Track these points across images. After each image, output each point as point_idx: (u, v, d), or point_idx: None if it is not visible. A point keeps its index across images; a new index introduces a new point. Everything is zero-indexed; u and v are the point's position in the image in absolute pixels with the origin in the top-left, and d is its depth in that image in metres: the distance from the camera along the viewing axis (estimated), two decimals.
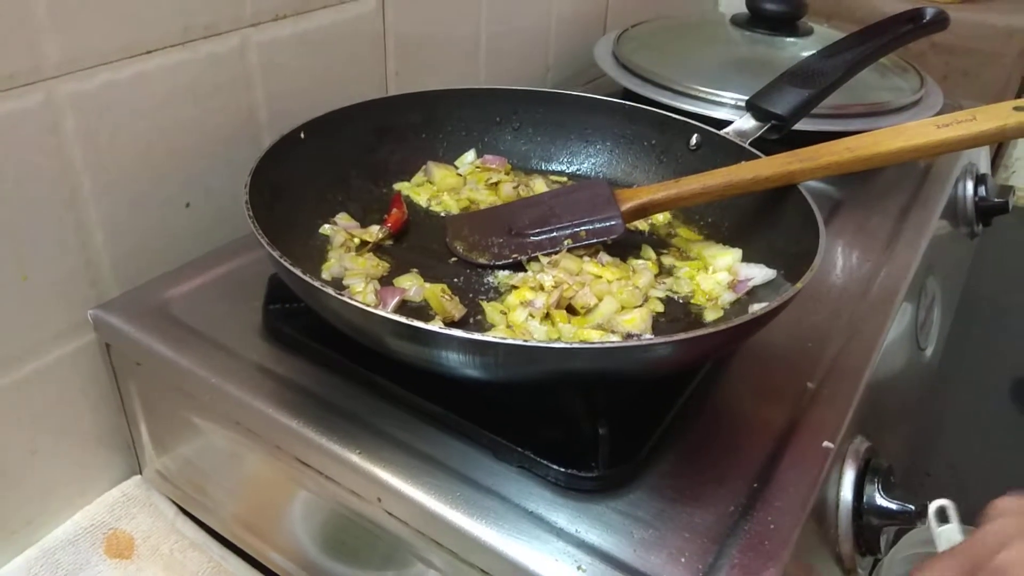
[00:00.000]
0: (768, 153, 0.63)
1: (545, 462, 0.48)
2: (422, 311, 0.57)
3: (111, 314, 0.60)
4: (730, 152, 0.66)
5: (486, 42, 0.95)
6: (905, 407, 0.81)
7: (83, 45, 0.55)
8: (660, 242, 0.67)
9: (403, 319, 0.43)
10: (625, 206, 0.62)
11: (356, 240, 0.63)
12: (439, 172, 0.72)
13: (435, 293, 0.57)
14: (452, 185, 0.72)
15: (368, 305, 0.45)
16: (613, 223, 0.62)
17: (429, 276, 0.60)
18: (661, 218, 0.70)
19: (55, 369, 0.60)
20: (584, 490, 0.47)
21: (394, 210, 0.66)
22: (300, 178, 0.63)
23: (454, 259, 0.63)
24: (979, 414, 1.14)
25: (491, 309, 0.57)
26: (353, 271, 0.59)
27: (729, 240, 0.65)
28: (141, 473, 0.68)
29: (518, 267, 0.62)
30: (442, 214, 0.69)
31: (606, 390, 0.49)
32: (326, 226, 0.64)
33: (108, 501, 0.66)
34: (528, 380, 0.47)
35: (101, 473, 0.67)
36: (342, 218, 0.65)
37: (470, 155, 0.74)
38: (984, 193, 0.97)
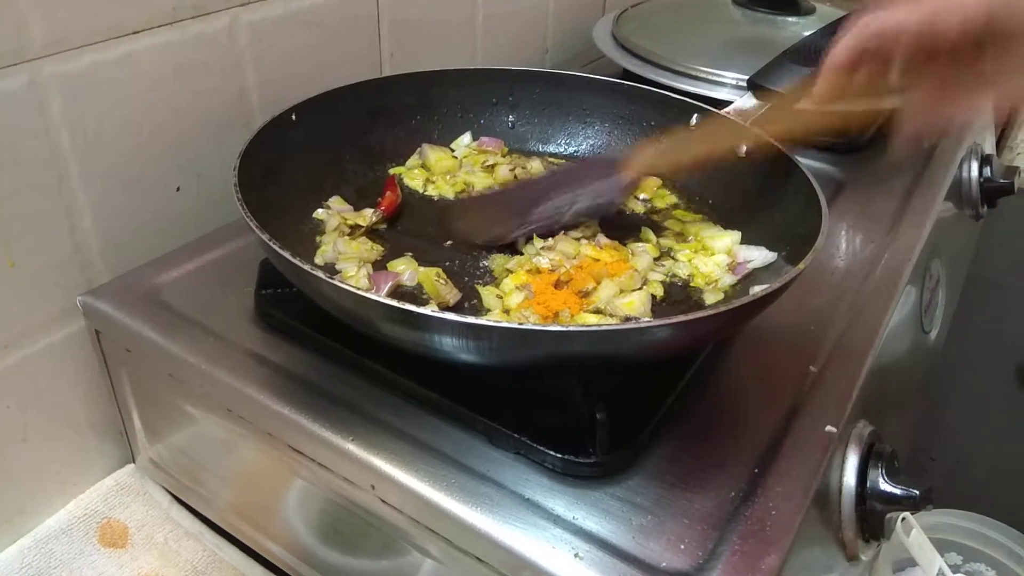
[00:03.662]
0: None
1: (542, 448, 0.47)
2: (417, 296, 0.56)
3: (101, 300, 0.59)
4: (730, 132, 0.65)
5: (482, 24, 0.94)
6: (909, 391, 0.80)
7: (69, 25, 0.54)
8: (659, 225, 0.66)
9: (396, 303, 0.42)
10: (626, 174, 0.61)
11: (350, 224, 0.62)
12: (434, 155, 0.70)
13: (429, 277, 0.56)
14: (447, 168, 0.70)
15: (360, 289, 0.44)
16: (612, 199, 0.61)
17: (424, 260, 0.59)
18: (661, 200, 0.68)
19: (45, 356, 0.59)
20: (582, 476, 0.47)
21: (388, 193, 0.65)
22: (292, 161, 0.62)
23: (449, 243, 0.62)
24: (983, 397, 1.13)
25: (487, 293, 0.56)
26: (346, 255, 0.58)
27: (730, 222, 0.64)
28: (134, 462, 0.67)
29: (514, 251, 0.61)
30: (436, 198, 0.68)
31: (604, 375, 0.48)
32: (320, 210, 0.63)
33: (102, 490, 0.65)
34: (524, 365, 0.46)
35: (94, 462, 0.66)
36: (335, 202, 0.64)
37: (466, 138, 0.73)
38: (989, 174, 0.96)
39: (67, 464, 0.64)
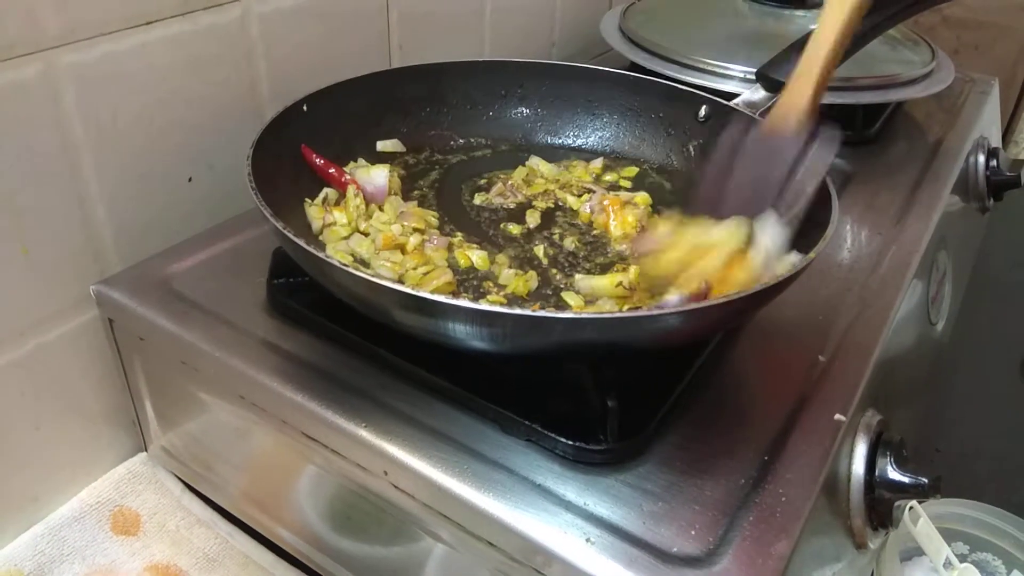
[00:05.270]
0: None
1: (553, 435, 0.47)
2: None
3: (114, 289, 0.59)
4: (740, 124, 0.65)
5: (490, 16, 0.94)
6: (916, 382, 0.80)
7: (82, 15, 0.54)
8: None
9: (410, 290, 0.42)
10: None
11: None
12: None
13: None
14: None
15: (374, 276, 0.44)
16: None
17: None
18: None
19: (58, 345, 0.60)
20: (593, 463, 0.47)
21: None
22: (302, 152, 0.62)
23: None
24: (989, 390, 1.13)
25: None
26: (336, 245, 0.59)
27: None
28: (147, 450, 0.68)
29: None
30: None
31: (615, 362, 0.48)
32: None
33: (114, 478, 0.66)
34: (536, 352, 0.47)
35: (106, 450, 0.66)
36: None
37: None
38: (996, 167, 0.96)
39: (80, 452, 0.64)
